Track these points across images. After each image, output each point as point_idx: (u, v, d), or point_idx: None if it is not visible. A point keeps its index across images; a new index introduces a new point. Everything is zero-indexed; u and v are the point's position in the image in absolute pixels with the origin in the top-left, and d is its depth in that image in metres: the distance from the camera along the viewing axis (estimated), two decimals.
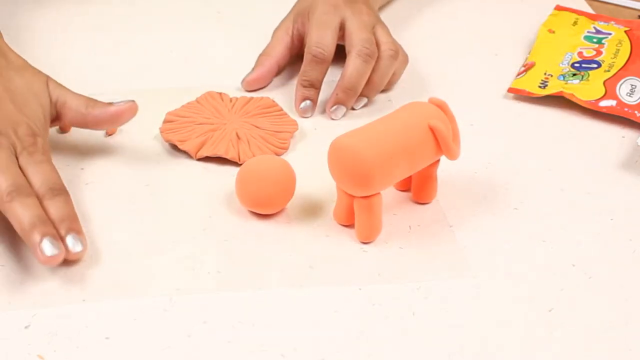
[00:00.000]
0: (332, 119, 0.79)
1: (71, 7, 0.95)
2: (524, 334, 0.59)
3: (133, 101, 0.71)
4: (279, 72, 0.84)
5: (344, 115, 0.80)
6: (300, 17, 0.84)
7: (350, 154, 0.62)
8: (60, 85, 0.71)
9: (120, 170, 0.72)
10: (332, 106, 0.79)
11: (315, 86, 0.80)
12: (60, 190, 0.63)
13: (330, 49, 0.80)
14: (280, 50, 0.84)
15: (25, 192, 0.62)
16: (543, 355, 0.58)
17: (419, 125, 0.65)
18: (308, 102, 0.80)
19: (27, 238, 0.60)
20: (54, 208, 0.62)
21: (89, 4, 0.95)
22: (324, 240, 0.66)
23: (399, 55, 0.82)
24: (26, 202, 0.61)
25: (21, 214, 0.61)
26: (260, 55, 0.84)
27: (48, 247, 0.59)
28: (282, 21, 0.85)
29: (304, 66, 0.81)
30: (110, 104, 0.71)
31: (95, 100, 0.71)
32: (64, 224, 0.62)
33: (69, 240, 0.61)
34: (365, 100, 0.81)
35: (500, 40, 0.93)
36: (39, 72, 0.71)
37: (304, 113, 0.79)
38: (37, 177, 0.63)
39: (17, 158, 0.64)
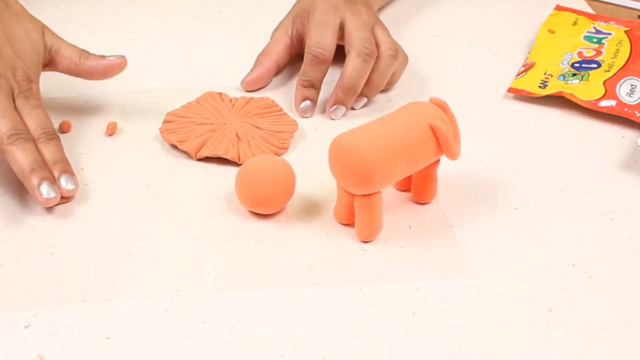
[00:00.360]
0: (332, 119, 0.79)
1: (71, 6, 0.95)
2: (524, 334, 0.59)
3: (123, 56, 0.75)
4: (278, 72, 0.84)
5: (343, 115, 0.80)
6: (299, 18, 0.84)
7: (351, 152, 0.63)
8: (55, 34, 0.76)
9: (120, 170, 0.72)
10: (332, 106, 0.79)
11: (315, 86, 0.80)
12: (53, 135, 0.69)
13: (330, 49, 0.80)
14: (279, 50, 0.84)
15: (24, 136, 0.67)
16: (543, 355, 0.58)
17: (420, 124, 0.65)
18: (308, 102, 0.80)
19: (27, 181, 0.66)
20: (48, 151, 0.68)
21: (88, 3, 0.95)
22: (324, 240, 0.66)
23: (399, 55, 0.82)
24: (25, 147, 0.66)
25: (21, 158, 0.66)
26: (260, 55, 0.84)
27: (46, 190, 0.65)
28: (282, 21, 0.85)
29: (304, 66, 0.81)
30: (103, 57, 0.75)
31: (88, 52, 0.75)
32: (58, 165, 0.67)
33: (63, 180, 0.67)
34: (365, 100, 0.81)
35: (500, 40, 0.93)
36: (36, 20, 0.76)
37: (304, 113, 0.80)
38: (33, 121, 0.69)
39: (14, 101, 0.69)
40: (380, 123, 0.65)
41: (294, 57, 0.85)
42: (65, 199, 0.67)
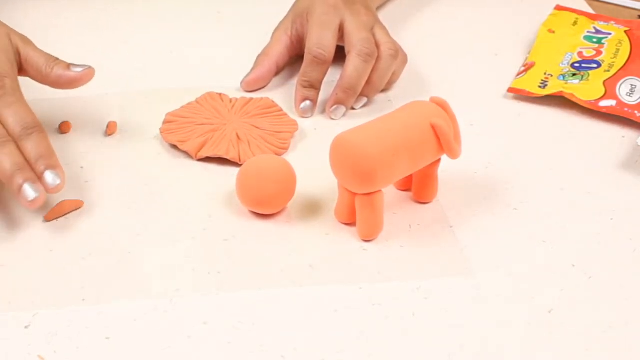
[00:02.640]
0: (332, 119, 0.79)
1: (71, 6, 0.95)
2: (524, 334, 0.59)
3: (90, 67, 0.72)
4: (277, 73, 0.84)
5: (343, 115, 0.80)
6: (299, 18, 0.84)
7: (352, 150, 0.62)
8: (22, 38, 0.73)
9: (120, 169, 0.72)
10: (332, 106, 0.79)
11: (315, 87, 0.80)
12: (33, 128, 0.66)
13: (330, 49, 0.80)
14: (279, 50, 0.84)
15: (2, 139, 0.65)
16: (543, 355, 0.58)
17: (421, 123, 0.65)
18: (308, 102, 0.80)
19: (10, 185, 0.64)
20: (30, 147, 0.65)
21: (88, 3, 0.95)
22: (324, 239, 0.66)
23: (399, 55, 0.82)
24: (4, 150, 0.64)
25: (2, 161, 0.64)
26: (259, 55, 0.84)
27: (29, 192, 0.63)
28: (281, 22, 0.86)
29: (304, 67, 0.80)
30: (68, 67, 0.72)
31: (56, 60, 0.72)
32: (41, 161, 0.65)
33: (48, 176, 0.65)
34: (365, 100, 0.81)
35: (500, 40, 0.93)
36: (1, 25, 0.73)
37: (304, 113, 0.80)
38: (11, 120, 0.66)
39: None
40: (381, 122, 0.65)
41: (294, 58, 0.85)
42: (51, 193, 0.65)
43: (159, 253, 0.64)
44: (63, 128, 0.76)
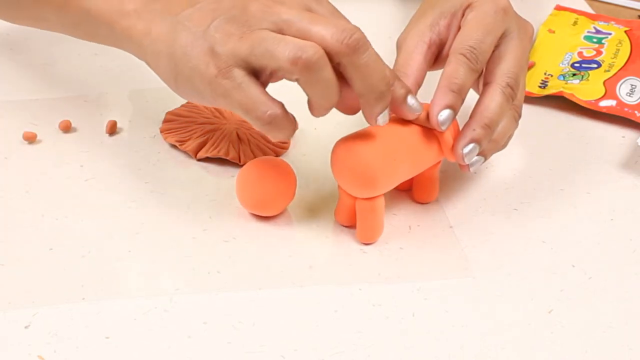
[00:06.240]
0: (464, 164, 0.65)
1: None
2: (524, 334, 0.59)
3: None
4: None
5: (482, 164, 0.66)
6: (449, 18, 0.68)
7: (354, 156, 0.62)
8: None
9: (120, 168, 0.72)
10: (467, 144, 0.64)
11: (463, 94, 0.64)
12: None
13: (484, 60, 0.65)
14: (418, 63, 0.67)
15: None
16: (543, 355, 0.58)
17: (422, 126, 0.65)
18: (450, 111, 0.63)
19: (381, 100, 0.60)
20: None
21: None
22: (324, 240, 0.66)
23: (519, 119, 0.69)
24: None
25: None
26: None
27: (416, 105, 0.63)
28: (412, 24, 0.69)
29: (453, 67, 0.64)
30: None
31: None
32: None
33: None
34: (482, 160, 0.66)
35: None
36: None
37: (442, 125, 0.63)
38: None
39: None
40: (382, 126, 0.65)
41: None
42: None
43: (159, 253, 0.64)
44: (63, 127, 0.76)
